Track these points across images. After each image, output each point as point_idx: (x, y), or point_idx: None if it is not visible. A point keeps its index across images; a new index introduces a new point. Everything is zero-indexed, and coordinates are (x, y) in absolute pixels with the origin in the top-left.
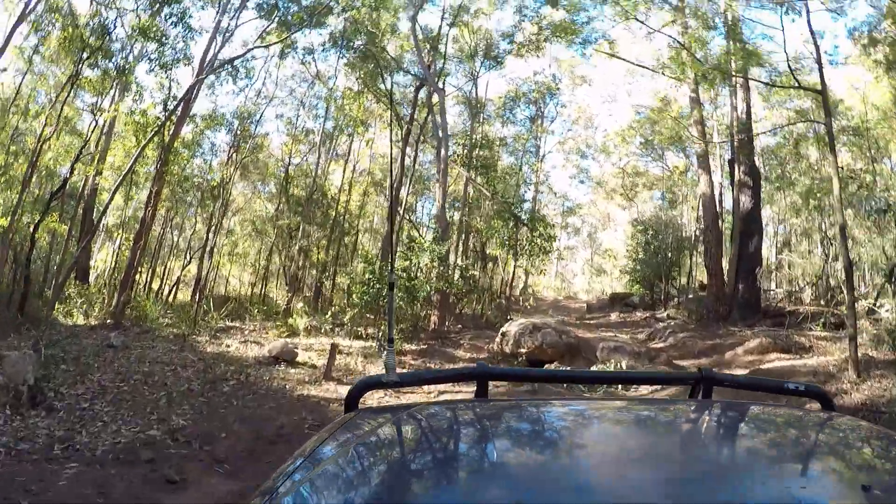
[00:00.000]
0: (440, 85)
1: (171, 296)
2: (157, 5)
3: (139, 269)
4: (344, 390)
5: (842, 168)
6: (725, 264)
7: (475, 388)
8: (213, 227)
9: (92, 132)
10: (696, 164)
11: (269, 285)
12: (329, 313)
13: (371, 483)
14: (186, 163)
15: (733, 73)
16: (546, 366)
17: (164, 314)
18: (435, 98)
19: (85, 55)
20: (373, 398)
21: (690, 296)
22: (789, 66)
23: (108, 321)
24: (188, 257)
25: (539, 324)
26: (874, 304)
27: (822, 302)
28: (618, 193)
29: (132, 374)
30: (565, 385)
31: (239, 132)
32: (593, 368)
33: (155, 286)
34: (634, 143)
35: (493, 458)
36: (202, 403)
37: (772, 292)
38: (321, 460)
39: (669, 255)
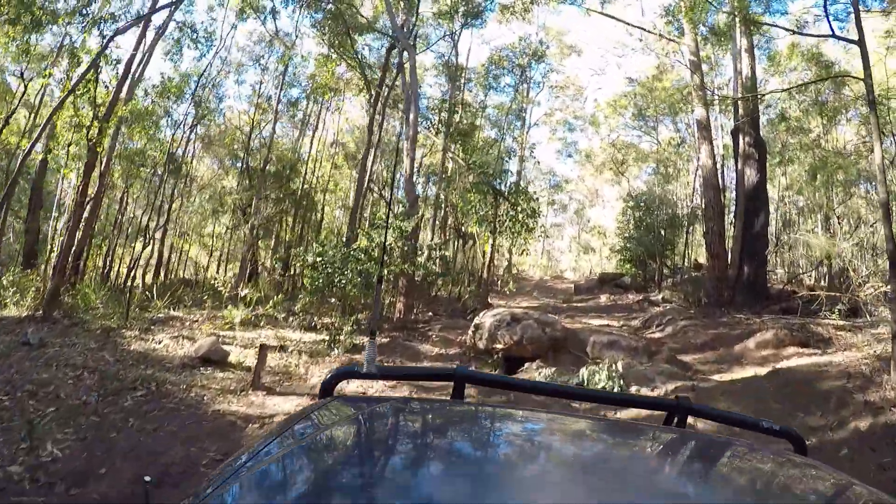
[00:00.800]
0: (411, 42)
1: (128, 280)
2: None
3: (89, 252)
4: (273, 403)
5: (856, 141)
6: (728, 244)
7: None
8: (171, 205)
9: (20, 100)
10: (696, 134)
11: (232, 266)
12: (272, 302)
13: (334, 470)
14: (139, 135)
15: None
16: (527, 364)
17: (105, 303)
18: (406, 56)
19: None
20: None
21: (685, 276)
22: (825, 7)
23: (38, 313)
24: (147, 238)
25: (519, 314)
26: None
27: (828, 285)
28: (607, 168)
29: (25, 382)
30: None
31: (199, 102)
32: (584, 368)
33: (116, 270)
34: (626, 114)
35: (460, 460)
36: (91, 424)
37: (773, 274)
38: (288, 443)
39: (663, 232)
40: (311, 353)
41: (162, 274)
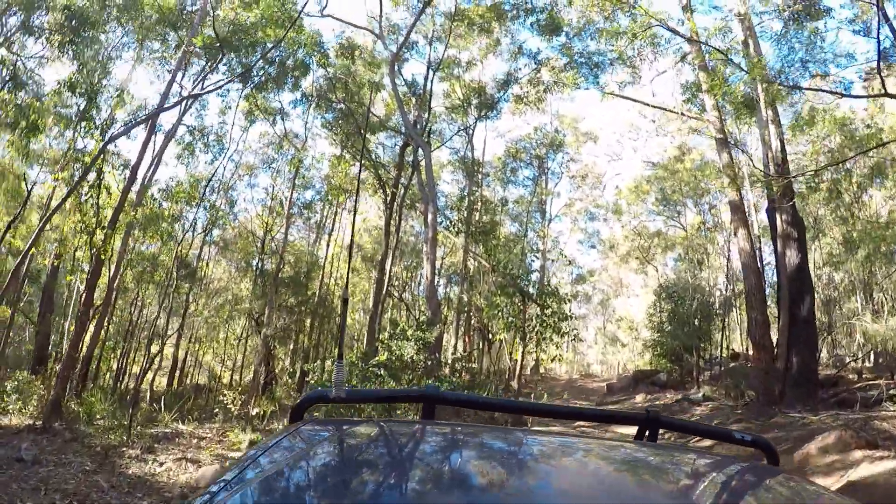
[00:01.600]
0: (425, 139)
1: (137, 390)
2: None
3: (101, 356)
4: None
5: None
6: (772, 333)
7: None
8: (185, 310)
9: (24, 203)
10: (730, 216)
11: (248, 373)
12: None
13: (306, 496)
14: (151, 239)
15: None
16: None
17: (110, 414)
18: (420, 154)
19: None
20: None
21: (724, 368)
22: (878, 64)
23: (36, 422)
24: (161, 343)
25: None
26: None
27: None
28: (632, 257)
29: None
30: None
31: (211, 205)
32: None
33: (129, 374)
34: (649, 199)
35: (430, 479)
36: None
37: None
38: (258, 470)
39: (698, 323)
40: None
41: (176, 379)
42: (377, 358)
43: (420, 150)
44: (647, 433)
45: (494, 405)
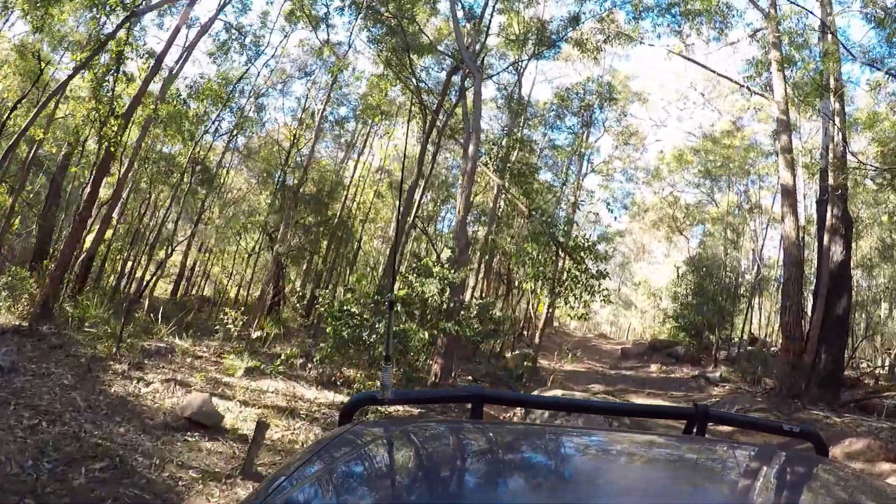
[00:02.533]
0: (478, 64)
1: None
2: None
3: (106, 258)
4: None
5: None
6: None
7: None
8: (199, 217)
9: (34, 83)
10: (780, 201)
11: (255, 290)
12: (285, 355)
13: (361, 498)
14: (171, 138)
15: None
16: None
17: (104, 320)
18: (469, 82)
19: None
20: None
21: (741, 351)
22: None
23: (23, 324)
24: (169, 249)
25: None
26: None
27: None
28: (664, 224)
29: None
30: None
31: (236, 109)
32: None
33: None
34: (691, 169)
35: (483, 478)
36: None
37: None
38: (311, 473)
39: (724, 301)
40: (326, 423)
41: (182, 288)
42: (395, 293)
43: (469, 79)
44: (695, 428)
45: (544, 404)
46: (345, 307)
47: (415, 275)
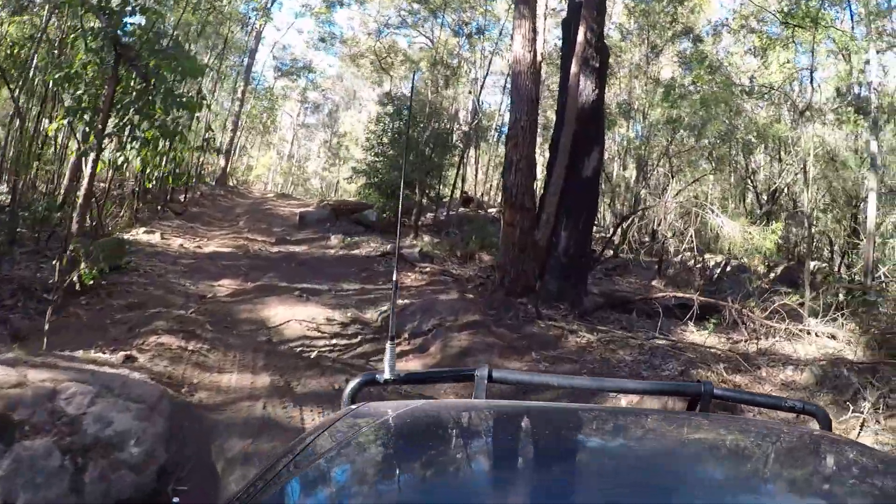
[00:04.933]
0: None
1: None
2: None
3: None
4: None
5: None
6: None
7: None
8: None
9: None
10: (513, 9)
11: None
12: None
13: (365, 481)
14: None
15: None
16: None
17: None
18: None
19: None
20: None
21: (450, 214)
22: None
23: None
24: None
25: None
26: None
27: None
28: (367, 60)
29: None
30: None
31: None
32: None
33: None
34: None
35: (489, 458)
36: None
37: None
38: (315, 454)
39: (432, 154)
40: None
41: None
42: None
43: None
44: (698, 405)
45: (544, 384)
46: None
47: None
